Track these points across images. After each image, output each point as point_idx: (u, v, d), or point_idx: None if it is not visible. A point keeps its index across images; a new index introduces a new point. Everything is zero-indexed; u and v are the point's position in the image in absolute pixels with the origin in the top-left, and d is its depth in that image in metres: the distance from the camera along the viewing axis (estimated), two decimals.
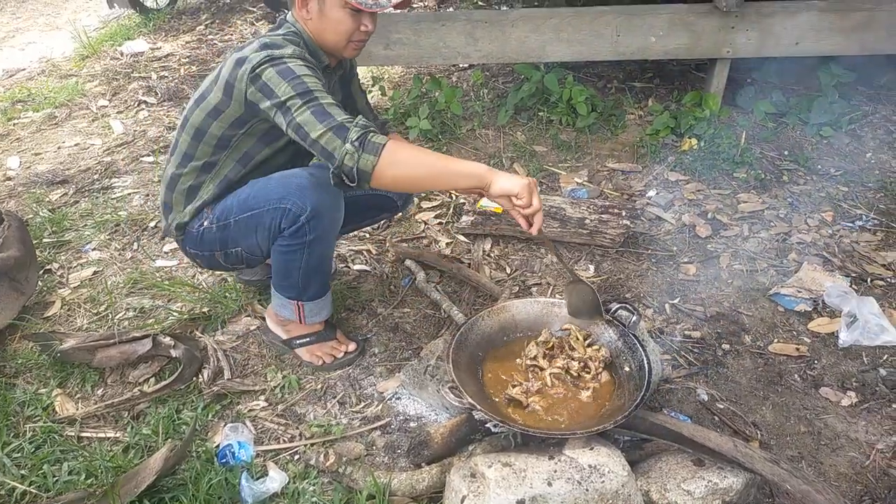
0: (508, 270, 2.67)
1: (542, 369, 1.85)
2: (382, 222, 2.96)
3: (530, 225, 1.69)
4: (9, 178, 3.50)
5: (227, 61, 1.80)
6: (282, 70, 1.67)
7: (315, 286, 2.04)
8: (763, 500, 1.73)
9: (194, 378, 2.10)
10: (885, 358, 2.22)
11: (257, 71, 1.68)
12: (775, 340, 2.30)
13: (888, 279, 2.59)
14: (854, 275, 2.62)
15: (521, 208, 1.65)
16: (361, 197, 2.26)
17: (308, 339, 2.17)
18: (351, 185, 1.62)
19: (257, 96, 1.70)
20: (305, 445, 1.89)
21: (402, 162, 1.61)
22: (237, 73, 1.73)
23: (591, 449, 1.60)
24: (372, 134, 1.60)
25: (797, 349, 2.25)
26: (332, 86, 2.02)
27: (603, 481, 1.52)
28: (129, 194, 3.30)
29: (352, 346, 2.21)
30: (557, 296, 2.49)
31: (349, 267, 2.70)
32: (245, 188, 1.93)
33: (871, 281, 2.59)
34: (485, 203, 2.16)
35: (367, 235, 2.91)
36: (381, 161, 1.58)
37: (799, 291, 2.48)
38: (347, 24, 1.79)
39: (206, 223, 1.98)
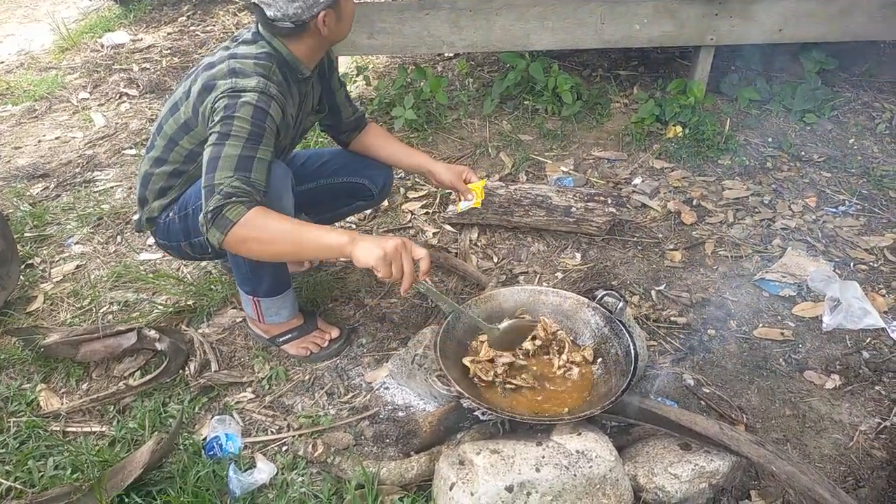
0: (495, 259, 2.67)
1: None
2: (368, 212, 2.95)
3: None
4: None
5: (198, 76, 1.80)
6: (228, 104, 1.68)
7: (268, 280, 2.03)
8: (749, 482, 1.74)
9: (180, 371, 2.09)
10: (867, 341, 2.25)
11: (217, 99, 1.71)
12: (760, 325, 2.32)
13: (871, 263, 2.62)
14: (837, 259, 2.64)
15: (382, 278, 1.61)
16: (333, 184, 2.25)
17: (290, 334, 2.16)
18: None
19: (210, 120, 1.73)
20: (293, 436, 1.88)
21: (252, 238, 1.61)
22: (204, 98, 1.75)
23: (579, 434, 1.61)
24: (230, 207, 1.58)
25: (782, 333, 2.27)
26: (311, 87, 2.01)
27: (591, 466, 1.53)
28: (112, 187, 3.26)
29: (335, 333, 2.21)
30: (544, 283, 2.49)
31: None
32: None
33: (854, 265, 2.62)
34: (463, 205, 2.19)
35: (354, 226, 2.90)
36: (228, 238, 1.59)
37: (783, 276, 2.51)
38: (352, 6, 1.85)
39: (170, 214, 2.00)
